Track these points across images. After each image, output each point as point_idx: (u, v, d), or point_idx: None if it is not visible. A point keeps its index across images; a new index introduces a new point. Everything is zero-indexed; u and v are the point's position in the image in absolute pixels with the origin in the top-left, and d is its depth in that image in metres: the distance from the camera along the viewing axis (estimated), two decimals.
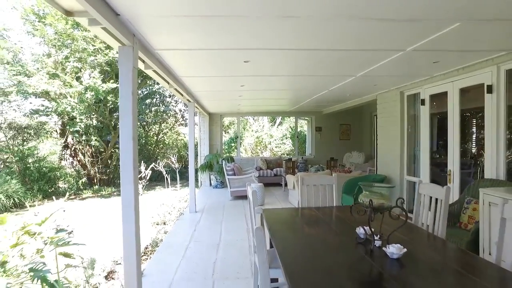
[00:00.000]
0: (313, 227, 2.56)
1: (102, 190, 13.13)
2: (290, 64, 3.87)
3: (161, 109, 16.15)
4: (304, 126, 14.12)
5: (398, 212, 2.11)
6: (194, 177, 6.56)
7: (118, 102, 12.27)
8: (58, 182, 12.99)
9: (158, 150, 16.59)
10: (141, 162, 9.73)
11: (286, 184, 8.12)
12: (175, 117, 17.28)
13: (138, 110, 4.87)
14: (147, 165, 10.03)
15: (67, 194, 11.78)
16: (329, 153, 10.65)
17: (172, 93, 8.21)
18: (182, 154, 16.15)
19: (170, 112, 16.87)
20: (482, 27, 2.60)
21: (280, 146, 16.21)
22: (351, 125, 11.08)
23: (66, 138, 13.55)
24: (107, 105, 12.47)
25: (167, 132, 17.20)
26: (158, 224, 6.51)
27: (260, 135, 16.59)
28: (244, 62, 3.60)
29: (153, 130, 16.87)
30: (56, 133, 13.88)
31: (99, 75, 11.29)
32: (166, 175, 10.27)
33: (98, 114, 12.44)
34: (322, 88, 5.79)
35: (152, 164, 10.74)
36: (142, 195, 9.68)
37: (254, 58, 3.49)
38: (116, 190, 13.36)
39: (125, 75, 2.50)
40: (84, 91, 10.88)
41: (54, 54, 10.83)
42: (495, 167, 3.67)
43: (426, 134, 5.15)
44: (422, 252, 2.00)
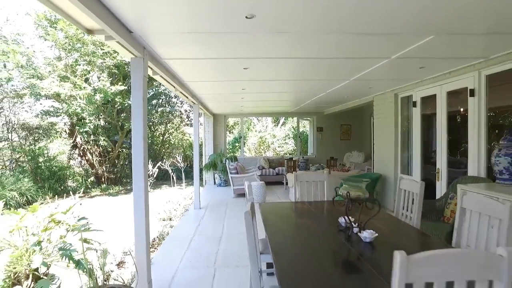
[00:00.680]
0: (302, 218, 2.88)
1: (110, 189, 13.56)
2: (285, 70, 4.19)
3: (166, 109, 16.51)
4: (306, 126, 14.40)
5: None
6: (199, 175, 6.91)
7: (125, 104, 12.74)
8: (67, 181, 13.46)
9: (164, 150, 16.98)
10: (148, 161, 10.09)
11: (288, 182, 8.43)
12: (181, 117, 17.64)
13: None
14: (154, 164, 10.41)
15: (77, 192, 12.21)
16: (330, 152, 10.92)
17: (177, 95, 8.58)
18: (187, 154, 16.52)
19: (176, 112, 17.23)
20: (454, 39, 2.89)
21: (282, 146, 16.51)
22: (352, 125, 11.34)
23: (75, 138, 14.01)
24: (115, 106, 12.89)
25: (173, 132, 17.57)
26: (164, 220, 6.87)
27: (263, 135, 16.91)
28: (243, 69, 3.93)
29: (159, 130, 17.26)
30: (65, 133, 14.36)
31: (108, 78, 11.71)
32: (172, 174, 10.63)
33: (106, 115, 12.86)
34: (320, 90, 6.09)
35: (158, 163, 11.11)
36: (149, 193, 10.04)
37: (253, 65, 3.82)
38: (123, 188, 13.79)
39: (136, 83, 2.84)
40: (93, 93, 11.31)
41: (64, 57, 11.28)
42: (477, 165, 3.95)
43: (417, 135, 5.42)
44: (391, 236, 2.31)
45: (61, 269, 2.42)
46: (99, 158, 14.39)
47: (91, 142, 13.84)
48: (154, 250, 4.86)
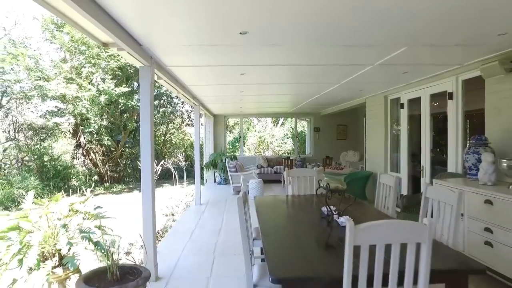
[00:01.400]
0: (291, 208, 3.24)
1: (113, 187, 13.96)
2: (278, 75, 4.56)
3: (168, 110, 16.87)
4: (305, 127, 14.76)
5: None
6: (200, 174, 7.27)
7: (128, 104, 13.09)
8: (71, 179, 13.85)
9: (165, 150, 17.34)
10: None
11: (285, 180, 8.80)
12: (182, 117, 18.01)
13: None
14: (156, 163, 10.79)
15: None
16: (326, 152, 11.28)
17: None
18: (188, 153, 16.88)
19: (177, 113, 17.60)
20: (425, 50, 3.25)
21: (281, 146, 16.88)
22: (348, 126, 11.69)
23: (79, 138, 14.40)
24: (118, 106, 13.26)
25: (174, 132, 17.93)
26: (167, 215, 7.24)
27: (262, 135, 17.28)
28: (240, 74, 4.29)
29: (160, 130, 17.63)
30: (69, 133, 14.75)
31: (112, 79, 12.09)
32: (174, 172, 11.00)
33: (109, 115, 13.25)
34: (314, 93, 6.45)
35: (161, 161, 11.49)
36: None
37: (248, 71, 4.19)
38: (126, 187, 14.18)
39: (144, 88, 3.21)
40: (98, 95, 11.70)
41: (70, 60, 11.67)
42: (455, 163, 4.30)
43: (405, 134, 5.77)
44: (364, 220, 2.65)
45: (78, 251, 2.78)
46: (102, 158, 14.77)
47: (95, 141, 14.23)
48: (158, 242, 5.22)
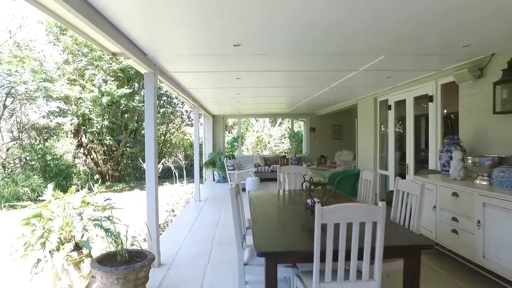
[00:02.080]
0: (281, 201, 3.59)
1: (115, 186, 14.30)
2: (271, 79, 4.91)
3: (168, 110, 17.21)
4: (302, 127, 15.12)
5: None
6: (199, 173, 7.62)
7: (129, 105, 13.43)
8: (72, 178, 14.18)
9: (165, 149, 17.68)
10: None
11: None
12: (182, 118, 18.35)
13: None
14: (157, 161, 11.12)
15: (86, 189, 12.93)
16: (322, 151, 11.62)
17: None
18: (188, 153, 17.22)
19: (177, 113, 17.94)
20: (403, 58, 3.60)
21: (278, 145, 17.24)
22: (343, 126, 12.04)
23: (80, 138, 14.74)
24: (120, 107, 13.60)
25: (174, 132, 18.27)
26: (167, 211, 7.60)
27: (260, 135, 17.64)
28: (236, 79, 4.65)
29: (160, 130, 17.97)
30: (71, 133, 15.09)
31: (113, 81, 12.43)
32: (174, 170, 11.34)
33: (110, 115, 13.58)
34: (307, 95, 6.80)
35: (162, 160, 11.83)
36: None
37: (243, 76, 4.54)
38: (127, 186, 14.51)
39: (149, 92, 3.56)
40: (100, 96, 12.04)
41: (72, 62, 12.02)
42: (435, 161, 4.65)
43: (392, 135, 6.12)
44: None
45: (90, 238, 3.12)
46: (104, 157, 15.11)
47: (96, 141, 14.57)
48: (160, 234, 5.57)
